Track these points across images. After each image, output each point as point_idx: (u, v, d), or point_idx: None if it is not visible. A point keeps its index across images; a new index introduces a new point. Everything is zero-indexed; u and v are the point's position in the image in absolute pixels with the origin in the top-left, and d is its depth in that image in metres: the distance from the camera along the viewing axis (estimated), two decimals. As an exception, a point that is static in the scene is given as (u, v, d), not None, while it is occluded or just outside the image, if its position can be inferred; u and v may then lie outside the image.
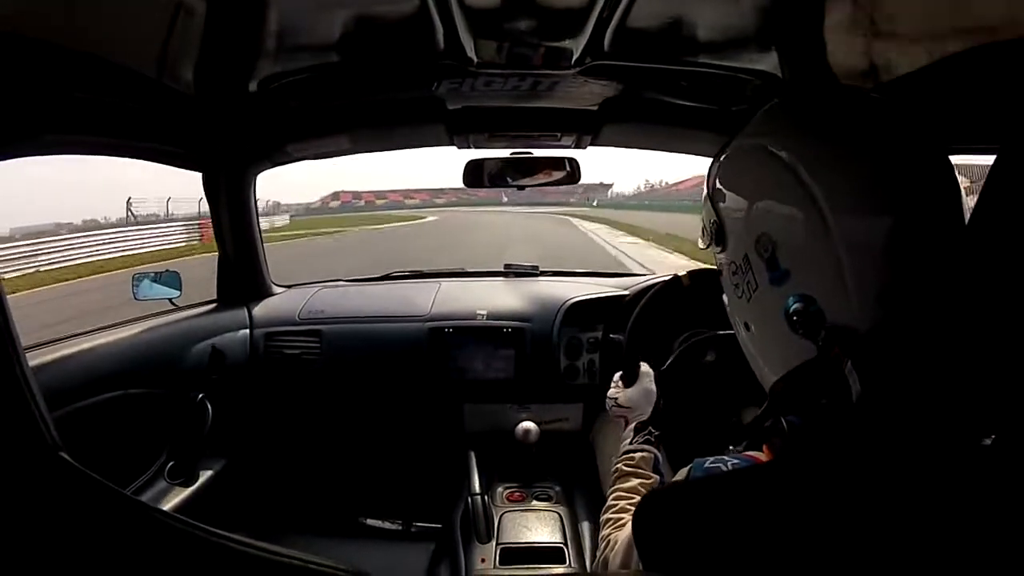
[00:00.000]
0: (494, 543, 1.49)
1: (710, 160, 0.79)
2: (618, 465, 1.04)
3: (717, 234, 0.73)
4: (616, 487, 1.00)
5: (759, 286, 0.67)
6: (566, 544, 1.49)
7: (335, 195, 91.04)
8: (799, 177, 0.60)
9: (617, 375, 1.25)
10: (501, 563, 1.43)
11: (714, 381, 1.54)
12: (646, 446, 1.05)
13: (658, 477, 1.00)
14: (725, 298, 0.77)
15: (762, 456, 0.67)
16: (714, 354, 1.53)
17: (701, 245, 0.80)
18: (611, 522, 0.93)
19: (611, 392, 1.22)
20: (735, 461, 0.66)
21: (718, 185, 0.74)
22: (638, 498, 0.93)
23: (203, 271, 2.29)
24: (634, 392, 1.19)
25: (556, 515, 1.60)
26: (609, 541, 0.87)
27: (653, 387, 1.20)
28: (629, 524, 0.78)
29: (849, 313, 0.59)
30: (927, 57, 0.90)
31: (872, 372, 0.55)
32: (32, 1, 0.78)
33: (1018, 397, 0.44)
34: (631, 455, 1.04)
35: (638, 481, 0.98)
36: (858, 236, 0.58)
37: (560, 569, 1.42)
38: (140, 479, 1.49)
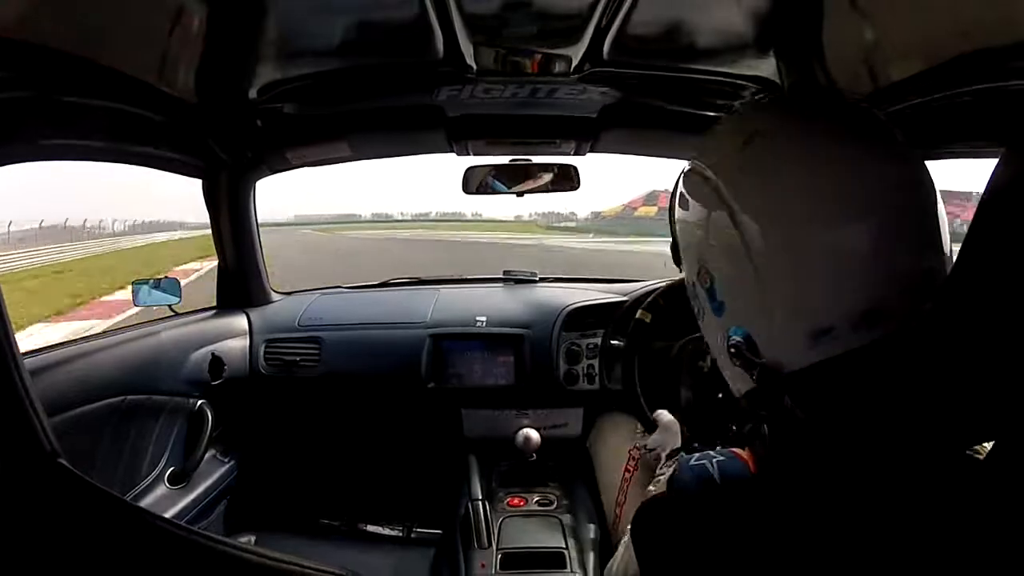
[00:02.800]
0: (494, 548, 1.48)
1: None
2: (649, 488, 1.05)
3: (675, 257, 0.72)
4: None
5: (705, 313, 0.65)
6: (567, 549, 1.48)
7: (651, 196, 64.80)
8: (730, 209, 0.57)
9: (640, 430, 1.36)
10: (502, 568, 1.43)
11: (713, 386, 1.54)
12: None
13: None
14: None
15: (747, 454, 0.67)
16: (711, 359, 1.52)
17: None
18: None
19: (638, 443, 1.30)
20: (720, 459, 0.65)
21: (674, 205, 0.71)
22: None
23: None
24: (657, 434, 1.26)
25: (556, 520, 1.59)
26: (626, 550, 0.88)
27: (673, 420, 1.27)
28: None
29: (781, 350, 0.56)
30: (925, 62, 0.90)
31: (812, 405, 0.54)
32: (33, 6, 0.78)
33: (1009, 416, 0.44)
34: (658, 479, 1.06)
35: None
36: (785, 275, 0.54)
37: (561, 574, 1.42)
38: (139, 485, 1.48)
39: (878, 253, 0.52)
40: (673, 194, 0.72)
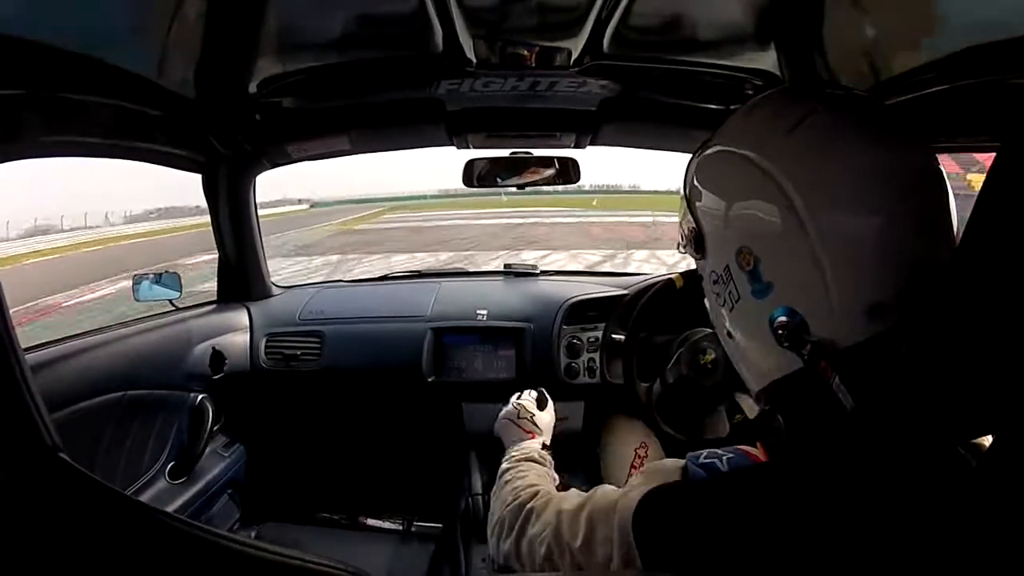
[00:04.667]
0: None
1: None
2: (532, 453, 1.08)
3: (696, 240, 0.71)
4: (526, 464, 1.04)
5: (741, 297, 0.64)
6: None
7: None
8: (782, 190, 0.58)
9: (533, 395, 1.34)
10: None
11: (713, 379, 1.54)
12: (550, 458, 1.12)
13: (557, 479, 1.05)
14: (707, 303, 0.74)
15: (756, 452, 0.66)
16: (714, 353, 1.53)
17: (679, 250, 0.77)
18: (526, 487, 0.92)
19: (529, 406, 1.27)
20: (730, 456, 0.65)
21: (696, 188, 0.71)
22: (545, 482, 0.96)
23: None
24: (547, 416, 1.28)
25: None
26: (539, 494, 0.86)
27: (555, 416, 1.31)
28: (562, 496, 0.79)
29: (833, 327, 0.57)
30: (926, 56, 0.90)
31: (861, 386, 0.54)
32: (32, 3, 0.78)
33: (1012, 403, 0.44)
34: (543, 456, 1.10)
35: (547, 471, 1.05)
36: (843, 252, 0.56)
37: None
38: (141, 480, 1.49)
39: (917, 233, 0.56)
40: (689, 181, 0.72)
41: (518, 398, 1.31)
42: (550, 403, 1.32)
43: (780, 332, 0.59)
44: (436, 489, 1.97)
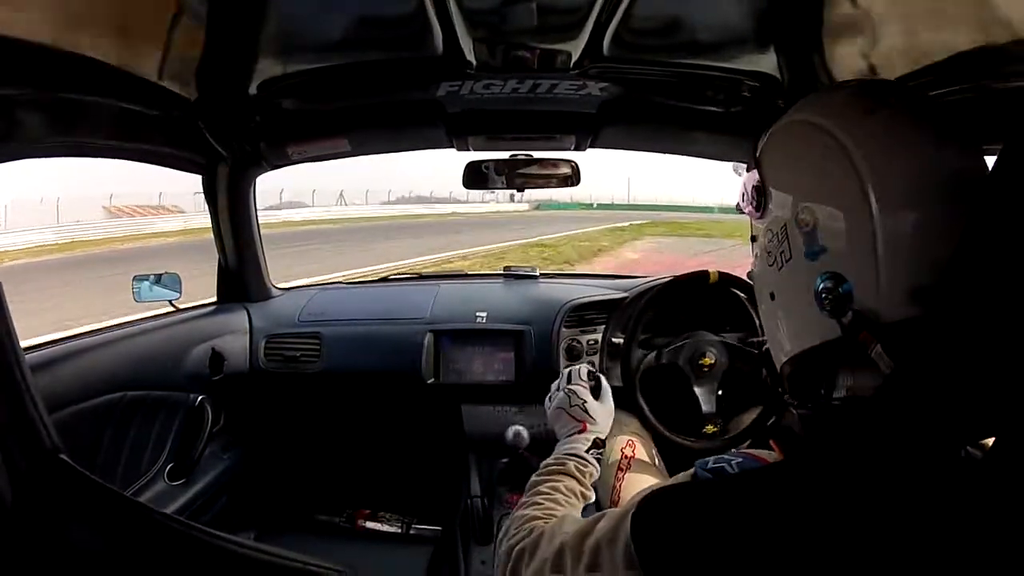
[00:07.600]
0: (494, 545, 1.48)
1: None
2: (568, 463, 0.99)
3: (759, 197, 0.72)
4: (555, 479, 0.95)
5: (792, 257, 0.66)
6: None
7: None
8: (852, 161, 0.59)
9: (585, 373, 1.19)
10: None
11: (712, 383, 1.54)
12: (596, 463, 1.02)
13: (593, 495, 0.98)
14: (755, 266, 0.76)
15: (765, 455, 0.66)
16: (713, 357, 1.53)
17: (738, 209, 0.79)
18: (529, 520, 0.85)
19: (581, 392, 1.13)
20: (739, 460, 0.64)
21: (770, 150, 0.73)
22: (563, 506, 0.90)
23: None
24: (602, 407, 1.12)
25: None
26: (536, 530, 0.80)
27: (613, 407, 1.15)
28: (561, 521, 0.77)
29: (878, 301, 0.58)
30: (925, 58, 0.90)
31: (902, 358, 0.54)
32: (34, 4, 0.78)
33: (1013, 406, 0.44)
34: (585, 462, 1.00)
35: (581, 489, 0.96)
36: (899, 230, 0.57)
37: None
38: (139, 481, 1.49)
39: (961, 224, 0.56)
40: (764, 143, 0.74)
41: (569, 380, 1.16)
42: (607, 392, 1.16)
43: (824, 297, 0.60)
44: (435, 491, 1.96)
